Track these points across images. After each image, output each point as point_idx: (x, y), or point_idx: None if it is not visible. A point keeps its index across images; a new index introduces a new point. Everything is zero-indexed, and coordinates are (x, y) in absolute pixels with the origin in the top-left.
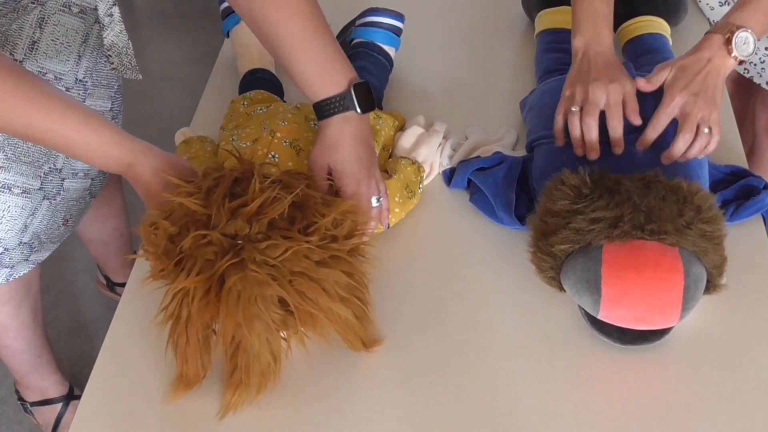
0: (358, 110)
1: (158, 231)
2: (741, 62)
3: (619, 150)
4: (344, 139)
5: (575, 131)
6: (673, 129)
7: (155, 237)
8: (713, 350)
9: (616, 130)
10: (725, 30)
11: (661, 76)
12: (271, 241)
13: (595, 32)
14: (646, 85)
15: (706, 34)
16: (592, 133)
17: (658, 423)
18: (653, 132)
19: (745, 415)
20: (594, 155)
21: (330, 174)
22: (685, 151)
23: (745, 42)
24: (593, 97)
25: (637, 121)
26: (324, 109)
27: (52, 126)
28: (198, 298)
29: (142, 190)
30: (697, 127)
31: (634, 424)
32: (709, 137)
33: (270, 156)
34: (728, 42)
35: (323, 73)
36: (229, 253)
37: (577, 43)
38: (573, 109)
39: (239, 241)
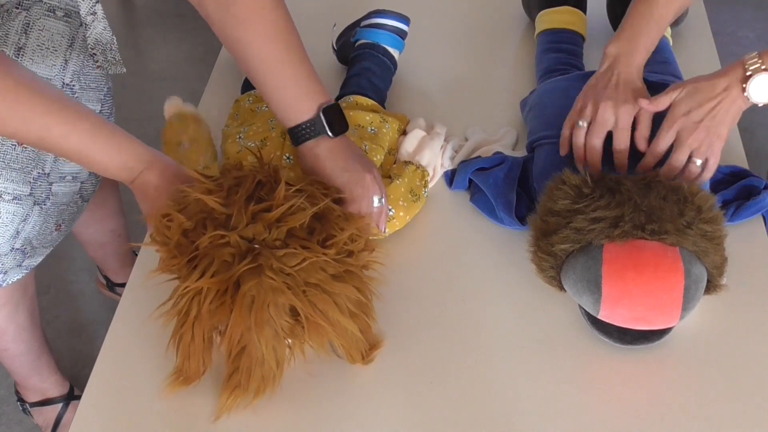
0: (330, 134)
1: (172, 223)
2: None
3: (621, 171)
4: (320, 160)
5: (579, 144)
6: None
7: (168, 229)
8: (713, 350)
9: (621, 154)
10: (754, 64)
11: (670, 96)
12: (290, 250)
13: (631, 44)
14: (650, 106)
15: (743, 57)
16: (595, 155)
17: (658, 423)
18: (652, 159)
19: (745, 415)
20: (595, 171)
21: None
22: (674, 176)
23: (763, 86)
24: (601, 117)
25: (641, 147)
26: (297, 136)
27: (68, 130)
28: (210, 298)
29: (146, 192)
30: (690, 156)
31: (634, 424)
32: (698, 169)
33: (285, 158)
34: (746, 79)
35: (293, 100)
36: (247, 258)
37: (610, 49)
38: (580, 123)
39: (256, 246)
